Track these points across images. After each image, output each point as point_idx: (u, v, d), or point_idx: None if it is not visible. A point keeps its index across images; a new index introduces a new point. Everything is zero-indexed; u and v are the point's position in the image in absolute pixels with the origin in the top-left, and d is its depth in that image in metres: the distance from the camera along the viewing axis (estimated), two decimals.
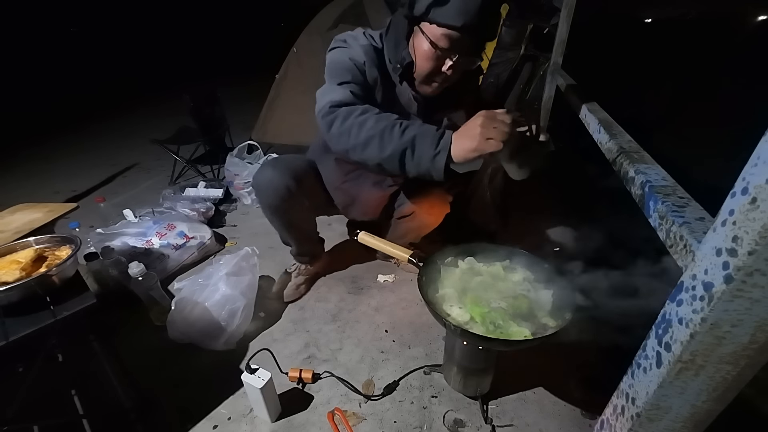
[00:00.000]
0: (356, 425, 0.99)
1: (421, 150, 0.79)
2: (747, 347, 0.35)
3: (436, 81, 0.97)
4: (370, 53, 0.99)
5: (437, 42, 0.88)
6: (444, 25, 0.85)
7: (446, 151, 0.77)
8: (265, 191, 1.15)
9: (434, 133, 0.79)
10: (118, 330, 1.32)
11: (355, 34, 1.03)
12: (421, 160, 0.80)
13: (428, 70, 0.94)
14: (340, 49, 1.01)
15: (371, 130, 0.83)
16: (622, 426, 0.48)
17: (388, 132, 0.82)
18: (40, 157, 3.21)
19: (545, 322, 0.85)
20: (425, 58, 0.92)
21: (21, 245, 0.94)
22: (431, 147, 0.78)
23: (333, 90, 0.93)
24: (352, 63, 0.97)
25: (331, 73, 0.98)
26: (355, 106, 0.90)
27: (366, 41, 1.00)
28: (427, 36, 0.89)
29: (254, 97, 3.26)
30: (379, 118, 0.85)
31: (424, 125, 0.83)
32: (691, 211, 0.49)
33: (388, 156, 0.82)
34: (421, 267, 0.94)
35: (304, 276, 1.46)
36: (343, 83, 0.95)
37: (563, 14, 1.64)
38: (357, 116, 0.86)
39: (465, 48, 0.89)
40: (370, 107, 0.89)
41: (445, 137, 0.79)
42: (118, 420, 0.98)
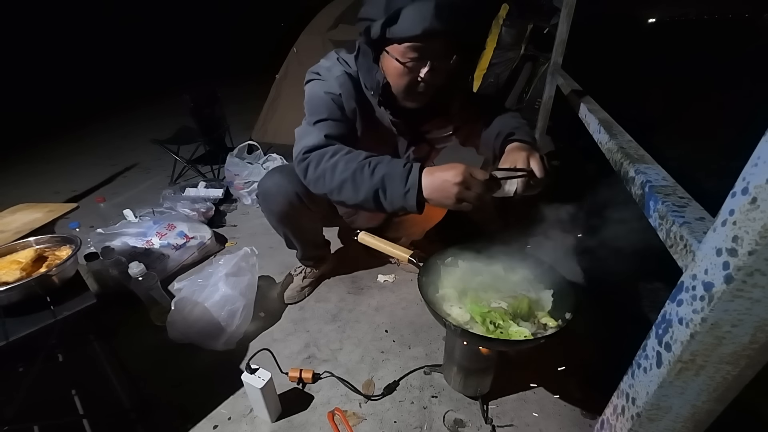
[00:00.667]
0: (356, 425, 0.99)
1: (392, 189, 0.80)
2: (747, 347, 0.35)
3: (419, 92, 0.93)
4: (345, 84, 0.97)
5: (403, 57, 0.85)
6: (404, 39, 0.83)
7: (415, 187, 0.77)
8: (273, 197, 1.14)
9: (401, 170, 0.79)
10: (118, 330, 1.32)
11: (329, 64, 1.00)
12: (393, 198, 0.80)
13: (404, 86, 0.91)
14: (316, 82, 1.00)
15: (343, 174, 0.84)
16: (622, 426, 0.48)
17: (359, 174, 0.82)
18: (40, 157, 3.22)
19: (545, 322, 0.85)
20: (397, 75, 0.90)
21: (21, 245, 0.93)
22: (401, 185, 0.79)
23: (307, 134, 0.93)
24: (328, 97, 0.96)
25: (308, 108, 0.98)
26: (327, 148, 0.89)
27: (340, 71, 0.98)
28: (392, 55, 0.87)
29: (254, 97, 3.26)
30: (348, 159, 0.85)
31: (391, 162, 0.82)
32: (691, 211, 0.49)
33: (363, 198, 0.83)
34: (421, 267, 0.94)
35: (309, 279, 1.46)
36: (319, 121, 0.94)
37: (563, 14, 1.65)
38: (328, 160, 0.87)
39: (435, 53, 0.85)
40: (340, 147, 0.88)
41: (412, 174, 0.78)
42: (118, 420, 0.98)
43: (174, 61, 6.84)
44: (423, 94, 0.93)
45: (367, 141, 1.07)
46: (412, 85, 0.91)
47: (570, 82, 1.50)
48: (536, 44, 2.60)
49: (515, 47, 2.62)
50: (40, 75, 5.42)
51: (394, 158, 0.84)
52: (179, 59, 6.89)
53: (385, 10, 0.81)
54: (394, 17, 0.81)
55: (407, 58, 0.85)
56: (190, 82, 2.65)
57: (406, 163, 0.81)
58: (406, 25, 0.80)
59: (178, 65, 6.58)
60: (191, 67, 6.28)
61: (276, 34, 5.88)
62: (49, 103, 4.88)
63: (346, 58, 1.00)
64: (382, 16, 0.81)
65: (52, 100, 4.97)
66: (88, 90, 5.39)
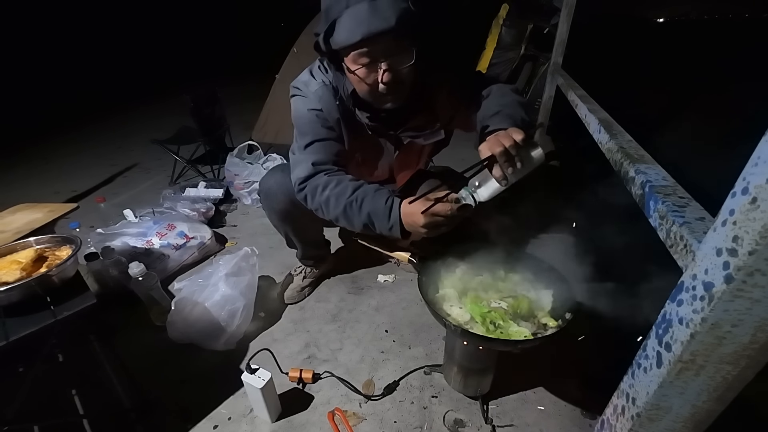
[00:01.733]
0: (356, 425, 0.99)
1: (378, 224, 0.89)
2: (747, 347, 0.35)
3: (388, 93, 0.89)
4: (324, 97, 0.98)
5: (355, 65, 0.84)
6: (348, 48, 0.82)
7: (398, 223, 0.85)
8: (275, 196, 1.14)
9: (383, 208, 0.86)
10: (118, 330, 1.32)
11: (305, 79, 1.01)
12: (382, 230, 0.89)
13: (367, 90, 0.90)
14: (298, 98, 1.02)
15: (335, 210, 0.92)
16: (622, 426, 0.48)
17: (349, 210, 0.90)
18: (40, 157, 3.22)
19: (545, 322, 0.85)
20: (356, 82, 0.90)
21: (21, 245, 0.94)
22: (384, 221, 0.87)
23: (298, 162, 0.99)
24: (311, 114, 0.98)
25: (296, 128, 1.02)
26: (316, 179, 0.95)
27: (317, 84, 0.99)
28: (345, 65, 0.87)
29: (254, 97, 3.26)
30: (338, 194, 0.91)
31: (374, 197, 0.88)
32: (692, 211, 0.49)
33: (359, 229, 0.92)
34: (422, 267, 0.94)
35: (309, 279, 1.46)
36: (308, 146, 0.98)
37: (563, 14, 1.65)
38: (321, 194, 0.93)
39: (386, 52, 0.82)
40: (329, 180, 0.94)
41: (393, 213, 0.86)
42: (118, 420, 0.99)
43: (174, 61, 6.84)
44: (392, 95, 0.90)
45: (356, 148, 1.07)
46: (374, 89, 0.89)
47: (570, 82, 1.50)
48: (536, 44, 2.60)
49: (515, 47, 2.63)
50: (40, 75, 5.42)
51: (378, 190, 0.90)
52: (179, 59, 6.89)
53: (325, 23, 0.82)
54: (330, 29, 0.81)
55: (359, 64, 0.84)
56: (190, 82, 2.65)
57: (388, 198, 0.87)
58: (344, 34, 0.80)
59: (178, 65, 6.58)
60: (191, 67, 6.28)
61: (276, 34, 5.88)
62: (49, 104, 4.88)
63: (327, 66, 0.99)
64: (323, 28, 0.82)
65: (52, 100, 4.97)
66: (89, 90, 5.39)
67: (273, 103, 2.76)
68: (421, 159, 1.27)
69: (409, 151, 1.15)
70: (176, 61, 6.77)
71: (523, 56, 2.64)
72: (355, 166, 1.13)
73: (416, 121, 1.05)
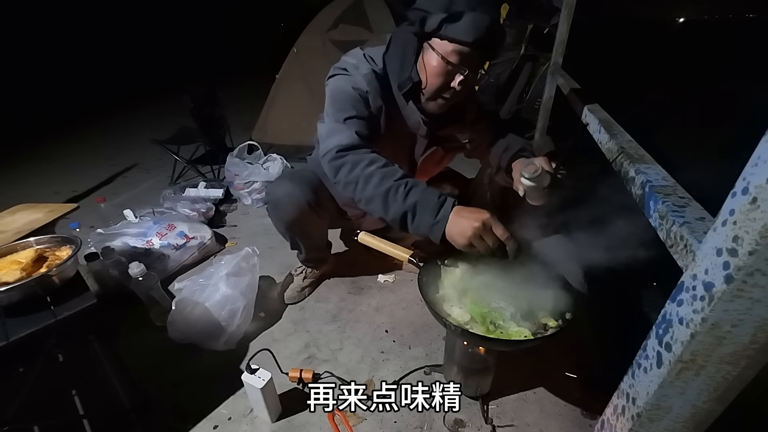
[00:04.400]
0: (356, 425, 0.99)
1: (421, 217, 0.81)
2: (748, 347, 0.35)
3: (445, 97, 0.95)
4: (372, 82, 0.97)
5: (448, 57, 0.87)
6: (456, 40, 0.85)
7: (445, 221, 0.79)
8: (284, 205, 1.14)
9: (435, 202, 0.81)
10: (119, 330, 1.32)
11: (356, 62, 0.99)
12: (420, 225, 0.82)
13: (438, 86, 0.92)
14: (342, 77, 0.98)
15: (376, 189, 0.84)
16: (622, 426, 0.48)
17: (392, 194, 0.83)
18: (40, 157, 3.21)
19: (545, 322, 0.85)
20: (435, 74, 0.91)
21: (21, 245, 0.93)
22: (431, 216, 0.80)
23: (338, 130, 0.92)
24: (355, 93, 0.95)
25: (334, 103, 0.96)
26: (362, 153, 0.89)
27: (367, 69, 0.98)
28: (437, 52, 0.88)
29: (254, 97, 3.26)
30: (384, 174, 0.85)
31: (426, 190, 0.83)
32: (692, 211, 0.49)
33: (391, 217, 0.85)
34: (422, 267, 0.94)
35: (309, 279, 1.46)
36: (349, 119, 0.93)
37: (563, 14, 1.65)
38: (364, 168, 0.86)
39: (474, 63, 0.89)
40: (377, 157, 0.88)
41: (444, 208, 0.80)
42: (118, 420, 0.98)
43: (174, 61, 6.83)
44: (447, 100, 0.96)
45: (388, 140, 1.07)
46: (443, 88, 0.93)
47: (570, 82, 1.50)
48: (536, 44, 2.60)
49: (515, 47, 2.62)
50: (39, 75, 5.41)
51: (429, 187, 0.85)
52: (179, 59, 6.88)
53: (445, 8, 0.83)
54: (455, 16, 0.83)
55: (450, 60, 0.88)
56: (190, 82, 2.64)
57: (441, 195, 0.82)
58: (464, 28, 0.83)
59: (178, 65, 6.58)
60: (191, 67, 6.28)
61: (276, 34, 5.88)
62: (49, 104, 4.88)
63: (373, 54, 1.01)
64: (442, 11, 0.83)
65: (52, 100, 4.97)
66: (89, 90, 5.38)
67: (273, 103, 2.76)
68: (439, 167, 1.29)
69: (433, 157, 1.17)
70: (176, 62, 6.76)
71: (523, 56, 2.64)
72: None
73: (448, 130, 1.12)
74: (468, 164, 1.40)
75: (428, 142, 1.12)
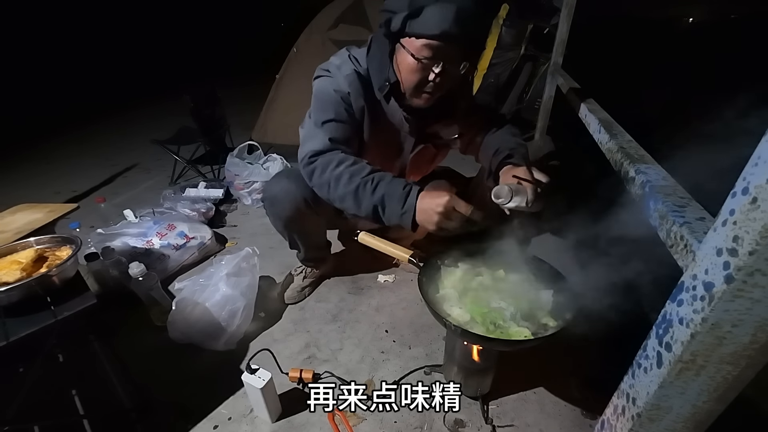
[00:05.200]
0: (356, 425, 0.99)
1: (390, 208, 0.86)
2: (748, 347, 0.35)
3: (426, 92, 0.95)
4: (354, 83, 0.98)
5: (418, 54, 0.87)
6: (422, 35, 0.84)
7: (412, 209, 0.84)
8: (281, 203, 1.14)
9: (401, 192, 0.85)
10: (119, 330, 1.32)
11: (339, 62, 1.01)
12: (391, 216, 0.87)
13: (414, 83, 0.93)
14: (324, 79, 1.00)
15: (346, 187, 0.89)
16: (622, 426, 0.48)
17: (361, 189, 0.88)
18: (40, 157, 3.22)
19: (545, 322, 0.85)
20: (409, 71, 0.91)
21: (22, 245, 0.94)
22: (398, 205, 0.85)
23: (313, 136, 0.96)
24: (336, 95, 0.97)
25: (315, 105, 1.00)
26: (331, 155, 0.93)
27: (350, 69, 0.99)
28: (407, 50, 0.88)
29: (254, 97, 3.26)
30: (353, 172, 0.89)
31: (392, 181, 0.87)
32: (692, 210, 0.49)
33: (364, 212, 0.90)
34: (422, 267, 0.94)
35: (309, 279, 1.46)
36: (326, 122, 0.96)
37: (563, 14, 1.65)
38: (333, 169, 0.91)
39: (448, 56, 0.88)
40: (345, 157, 0.92)
41: (410, 198, 0.84)
42: (118, 420, 0.98)
43: (174, 61, 6.84)
44: (430, 95, 0.95)
45: (375, 140, 1.08)
46: (421, 84, 0.93)
47: (570, 82, 1.50)
48: (536, 44, 2.60)
49: (515, 47, 2.62)
50: (40, 76, 5.42)
51: (395, 177, 0.89)
52: (179, 59, 6.89)
53: (408, 5, 0.83)
54: (416, 12, 0.83)
55: (421, 55, 0.87)
56: (190, 82, 2.64)
57: (406, 185, 0.86)
58: (427, 22, 0.83)
59: (178, 65, 6.58)
60: (191, 67, 6.28)
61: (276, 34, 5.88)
62: (49, 104, 4.88)
63: (357, 54, 1.02)
64: (405, 9, 0.83)
65: (52, 100, 4.97)
66: (89, 90, 5.39)
67: (273, 103, 2.76)
68: (432, 164, 1.29)
69: (424, 154, 1.17)
70: (176, 62, 6.76)
71: (523, 56, 2.64)
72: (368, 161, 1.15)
73: (436, 126, 1.11)
74: (468, 164, 1.40)
75: (416, 140, 1.11)
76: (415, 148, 1.13)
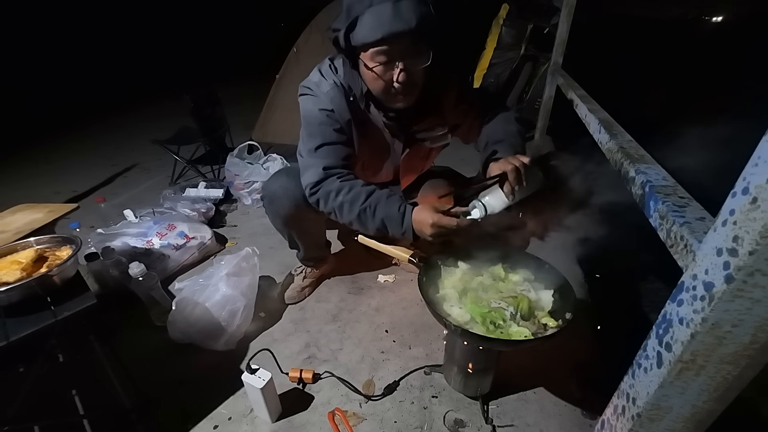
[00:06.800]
0: (356, 425, 0.99)
1: (392, 229, 0.92)
2: (748, 347, 0.35)
3: (399, 93, 0.93)
4: (336, 98, 0.99)
5: (372, 62, 0.87)
6: (367, 45, 0.84)
7: (410, 228, 0.90)
8: (280, 200, 1.14)
9: (396, 214, 0.90)
10: (119, 330, 1.32)
11: (317, 79, 1.01)
12: (395, 234, 0.93)
13: (381, 88, 0.93)
14: (309, 98, 1.01)
15: (350, 215, 0.95)
16: (622, 426, 0.48)
17: (363, 217, 0.93)
18: (40, 157, 3.21)
19: (545, 322, 0.85)
20: (372, 79, 0.91)
21: (22, 245, 0.94)
22: (398, 228, 0.91)
23: (309, 166, 0.99)
24: (322, 115, 0.99)
25: (305, 129, 1.02)
26: (329, 184, 0.96)
27: (329, 84, 0.99)
28: (362, 60, 0.88)
29: (254, 97, 3.26)
30: (351, 201, 0.93)
31: (387, 203, 0.92)
32: (692, 211, 0.49)
33: (372, 233, 0.97)
34: (422, 267, 0.94)
35: (309, 279, 1.46)
36: (318, 148, 0.98)
37: (563, 14, 1.65)
38: (333, 200, 0.96)
39: (404, 53, 0.86)
40: (341, 185, 0.95)
41: (405, 219, 0.90)
42: (118, 420, 0.98)
43: (174, 61, 6.83)
44: (404, 95, 0.94)
45: (364, 149, 1.08)
46: (388, 88, 0.92)
47: (570, 82, 1.50)
48: (536, 44, 2.60)
49: (515, 47, 2.62)
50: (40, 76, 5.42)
51: (390, 197, 0.93)
52: (179, 59, 6.88)
53: (345, 19, 0.83)
54: (352, 25, 0.83)
55: (376, 62, 0.87)
56: (191, 83, 2.64)
57: (400, 205, 0.91)
58: (365, 31, 0.82)
59: (178, 65, 6.57)
60: (191, 67, 6.27)
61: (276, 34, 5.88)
62: (49, 104, 4.88)
63: (338, 64, 1.01)
64: (343, 24, 0.84)
65: (52, 100, 4.97)
66: (89, 90, 5.38)
67: (273, 103, 2.76)
68: (426, 162, 1.29)
69: (416, 153, 1.16)
70: (176, 62, 6.76)
71: (523, 56, 2.64)
72: (361, 168, 1.15)
73: (424, 124, 1.10)
74: (468, 164, 1.40)
75: (405, 140, 1.11)
76: (405, 149, 1.13)
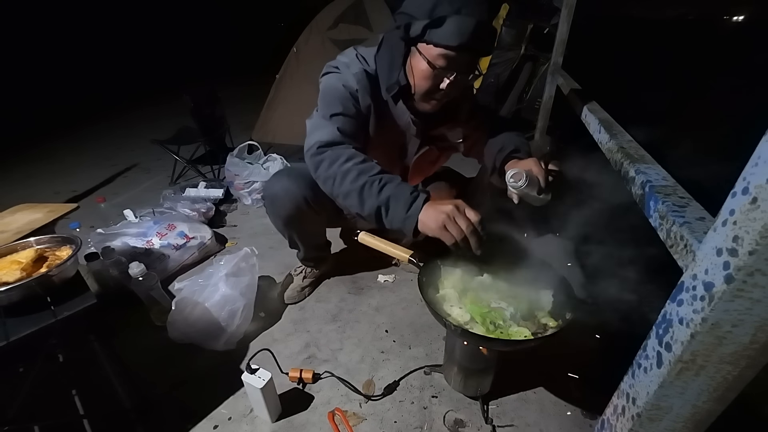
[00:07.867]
0: (356, 425, 0.99)
1: (394, 211, 0.83)
2: (748, 347, 0.35)
3: (436, 98, 0.96)
4: (362, 81, 0.99)
5: (434, 62, 0.87)
6: (440, 45, 0.85)
7: (416, 216, 0.81)
8: (281, 201, 1.14)
9: (407, 196, 0.82)
10: (119, 330, 1.32)
11: (347, 60, 1.01)
12: (393, 219, 0.84)
13: (426, 89, 0.94)
14: (333, 75, 1.00)
15: (353, 184, 0.86)
16: (622, 426, 0.48)
17: (367, 189, 0.85)
18: (40, 157, 3.21)
19: (545, 322, 0.85)
20: (423, 77, 0.92)
21: (22, 245, 0.93)
22: (403, 210, 0.82)
23: (321, 126, 0.95)
24: (345, 90, 0.98)
25: (323, 100, 0.99)
26: (341, 149, 0.91)
27: (358, 68, 0.99)
28: (424, 56, 0.88)
29: (254, 97, 3.26)
30: (361, 170, 0.87)
31: (400, 185, 0.85)
32: (692, 211, 0.49)
33: (366, 212, 0.87)
34: (422, 267, 0.94)
35: (309, 279, 1.46)
36: (334, 115, 0.95)
37: (563, 14, 1.65)
38: (341, 164, 0.89)
39: (462, 66, 0.89)
40: (355, 153, 0.90)
41: (416, 203, 0.81)
42: (118, 420, 0.99)
43: (174, 61, 6.83)
44: (438, 101, 0.97)
45: (379, 140, 1.08)
46: (432, 90, 0.94)
47: (570, 82, 1.50)
48: (536, 44, 2.60)
49: (515, 47, 2.62)
50: (40, 75, 5.42)
51: (404, 182, 0.87)
52: (179, 59, 6.88)
53: (429, 13, 0.83)
54: (438, 22, 0.83)
55: (437, 64, 0.88)
56: (191, 83, 2.64)
57: (414, 190, 0.83)
58: (447, 33, 0.83)
59: (178, 65, 6.57)
60: (191, 67, 6.28)
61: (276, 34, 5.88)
62: (50, 104, 4.88)
63: (365, 54, 1.02)
64: (425, 17, 0.83)
65: (52, 100, 4.97)
66: (89, 90, 5.38)
67: (273, 103, 2.76)
68: (433, 167, 1.29)
69: (428, 156, 1.17)
70: (176, 62, 6.76)
71: (523, 56, 2.64)
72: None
73: (443, 128, 1.12)
74: (468, 164, 1.40)
75: (421, 142, 1.12)
76: (420, 150, 1.14)
